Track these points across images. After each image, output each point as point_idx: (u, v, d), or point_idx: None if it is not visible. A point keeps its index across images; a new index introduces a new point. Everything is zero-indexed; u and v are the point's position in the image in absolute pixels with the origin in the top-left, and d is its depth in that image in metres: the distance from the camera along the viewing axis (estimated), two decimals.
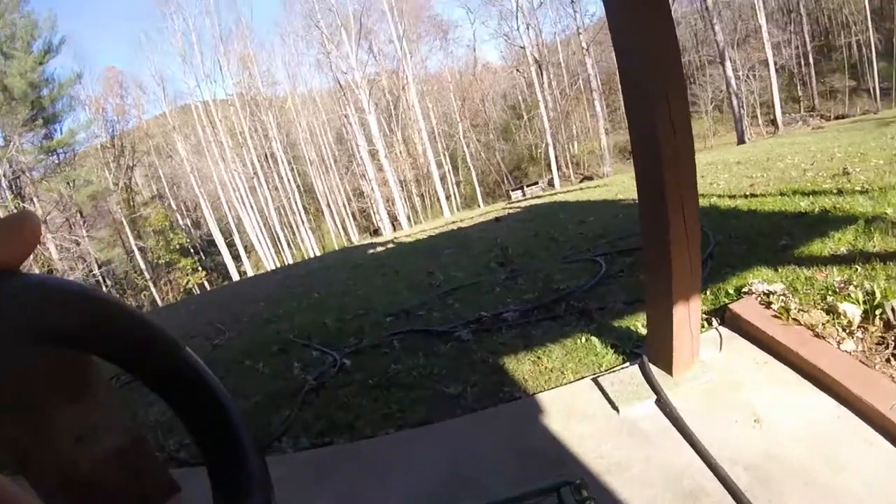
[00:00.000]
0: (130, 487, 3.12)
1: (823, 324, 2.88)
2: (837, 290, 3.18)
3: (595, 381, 3.23)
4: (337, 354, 4.86)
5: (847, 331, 2.80)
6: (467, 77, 41.47)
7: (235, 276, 32.96)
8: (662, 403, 2.87)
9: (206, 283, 35.34)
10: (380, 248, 12.86)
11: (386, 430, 3.46)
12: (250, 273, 32.46)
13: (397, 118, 38.79)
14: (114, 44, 72.06)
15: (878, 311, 2.79)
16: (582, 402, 3.12)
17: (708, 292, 3.86)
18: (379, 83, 36.85)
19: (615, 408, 2.96)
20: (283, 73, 40.83)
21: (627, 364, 3.33)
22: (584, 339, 3.87)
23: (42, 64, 29.86)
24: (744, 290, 3.54)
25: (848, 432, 2.34)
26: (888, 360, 2.55)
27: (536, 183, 34.13)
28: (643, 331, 3.66)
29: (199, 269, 36.68)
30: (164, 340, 0.36)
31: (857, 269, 3.41)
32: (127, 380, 5.91)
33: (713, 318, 3.47)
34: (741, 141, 26.12)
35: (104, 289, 31.35)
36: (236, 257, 36.41)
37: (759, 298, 3.32)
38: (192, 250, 38.20)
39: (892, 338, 2.65)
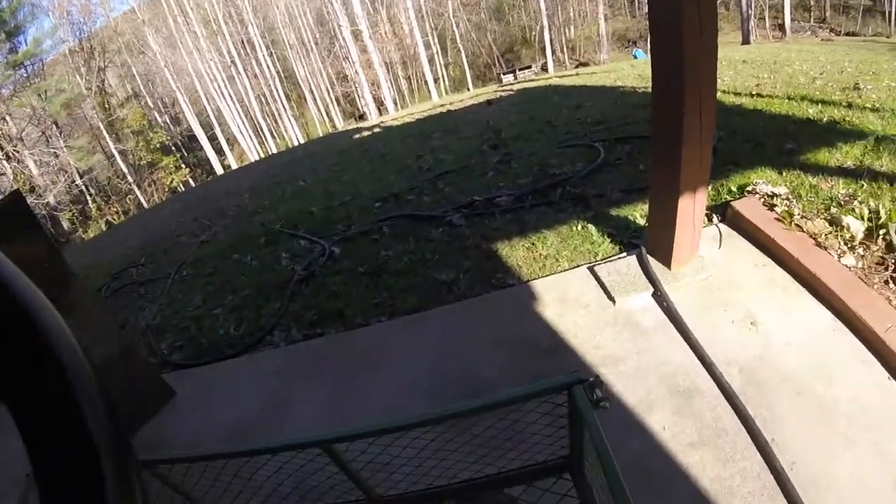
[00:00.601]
0: (125, 397, 3.07)
1: (826, 234, 2.80)
2: (842, 202, 3.07)
3: (591, 269, 3.15)
4: (325, 243, 4.73)
5: (849, 245, 2.72)
6: None
7: (220, 171, 32.25)
8: (659, 297, 2.81)
9: (190, 181, 34.63)
10: (366, 133, 12.40)
11: (378, 318, 3.40)
12: (234, 166, 31.75)
13: None
14: None
15: (881, 231, 2.70)
16: (577, 291, 3.04)
17: (710, 188, 3.68)
18: None
19: (611, 298, 2.90)
20: None
21: (625, 254, 3.23)
22: (580, 227, 3.73)
23: None
24: (747, 189, 3.41)
25: (843, 348, 2.31)
26: (886, 282, 2.50)
27: (529, 67, 32.66)
28: (641, 221, 3.52)
29: (183, 166, 35.80)
30: None
31: (863, 186, 3.26)
32: (117, 286, 5.81)
33: (714, 215, 3.34)
34: (745, 41, 24.83)
35: (89, 198, 30.83)
36: (219, 151, 35.42)
37: (762, 199, 3.21)
38: (173, 148, 37.04)
39: (893, 260, 2.58)
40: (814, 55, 9.27)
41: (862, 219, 2.80)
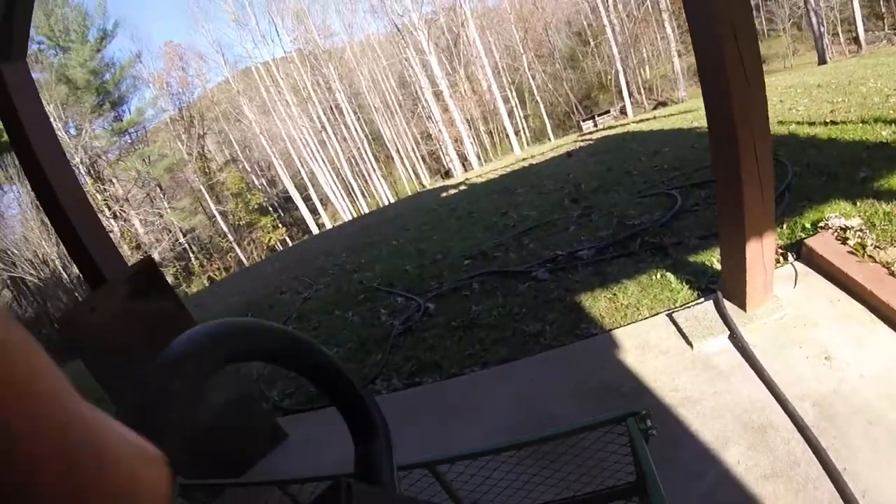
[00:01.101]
0: (242, 436, 3.52)
1: None
2: None
3: (670, 316, 3.30)
4: (420, 299, 5.14)
5: None
6: (528, 6, 39.69)
7: (314, 229, 34.19)
8: (735, 339, 2.91)
9: (287, 239, 36.91)
10: (452, 191, 13.01)
11: (471, 368, 3.71)
12: (328, 225, 33.61)
13: (458, 56, 37.95)
14: (168, 20, 73.46)
15: None
16: (657, 338, 3.21)
17: (784, 226, 3.78)
18: (437, 22, 36.01)
19: (689, 343, 3.03)
20: (339, 24, 40.86)
21: (702, 300, 3.37)
22: (658, 276, 3.91)
23: (100, 51, 30.97)
24: (820, 224, 3.43)
25: None
26: None
27: (608, 111, 32.80)
28: (718, 266, 3.65)
29: (280, 225, 38.25)
30: (305, 343, 0.53)
31: None
32: None
33: (789, 253, 3.40)
34: (822, 61, 24.06)
35: (192, 255, 33.54)
36: (313, 210, 37.64)
37: (835, 233, 3.22)
38: (270, 208, 39.76)
39: None
40: (889, 68, 8.89)
41: None
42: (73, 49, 28.93)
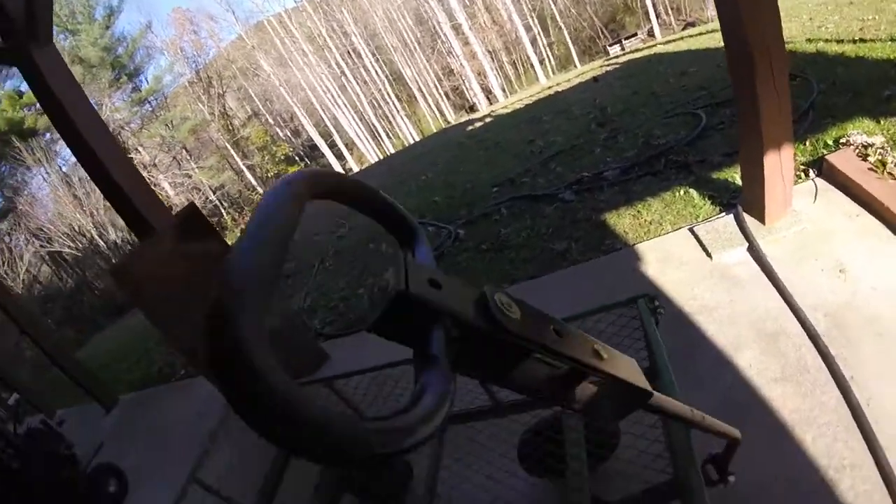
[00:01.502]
0: (289, 360, 3.79)
1: None
2: None
3: (691, 230, 3.41)
4: (451, 227, 5.33)
5: None
6: None
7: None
8: (753, 250, 3.01)
9: None
10: (478, 124, 12.97)
11: (501, 285, 3.91)
12: (355, 168, 33.71)
13: None
14: None
15: None
16: (678, 250, 3.34)
17: (807, 143, 3.78)
18: None
19: (708, 255, 3.15)
20: None
21: (723, 214, 3.45)
22: (682, 192, 3.99)
23: (109, 27, 30.73)
24: (842, 141, 3.44)
25: None
26: None
27: (635, 34, 31.42)
28: (741, 182, 3.72)
29: None
30: (370, 190, 0.72)
31: None
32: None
33: (811, 170, 3.43)
34: None
35: (223, 210, 34.17)
36: (339, 156, 37.72)
37: (857, 150, 3.23)
38: (296, 158, 39.83)
39: None
40: None
41: None
42: (81, 30, 28.94)
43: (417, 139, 30.71)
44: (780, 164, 2.91)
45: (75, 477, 3.41)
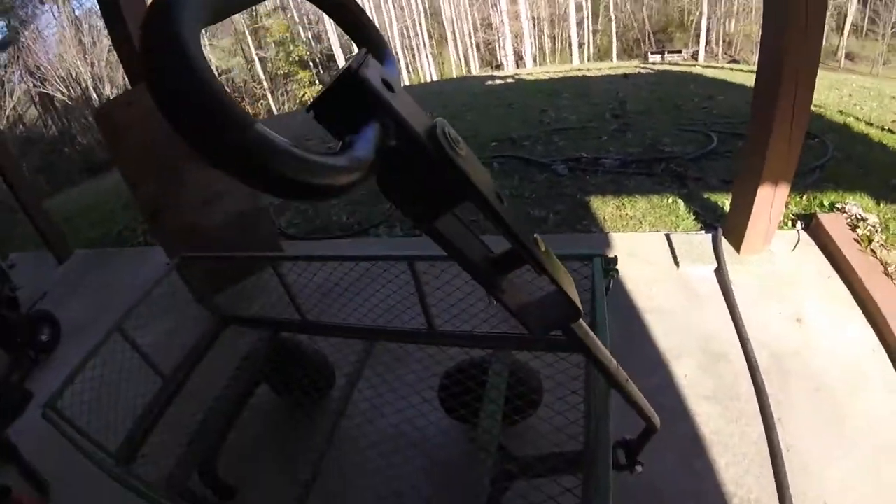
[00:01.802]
0: (250, 244, 3.75)
1: None
2: None
3: (667, 236, 3.45)
4: None
5: None
6: None
7: None
8: (720, 273, 3.05)
9: None
10: (499, 82, 12.72)
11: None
12: None
13: None
14: None
15: None
16: (648, 250, 3.36)
17: (804, 197, 3.80)
18: None
19: (676, 263, 3.19)
20: None
21: (703, 232, 3.50)
22: (670, 200, 4.01)
23: None
24: (838, 206, 3.48)
25: (876, 371, 2.39)
26: None
27: (680, 52, 31.11)
28: (729, 207, 3.72)
29: (317, 82, 37.41)
30: None
31: None
32: None
33: (799, 221, 3.45)
34: None
35: None
36: None
37: (848, 219, 3.26)
38: (311, 63, 38.62)
39: None
40: None
41: None
42: None
43: (436, 79, 30.11)
44: (772, 200, 2.92)
45: (14, 319, 3.41)
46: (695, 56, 30.48)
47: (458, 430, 2.24)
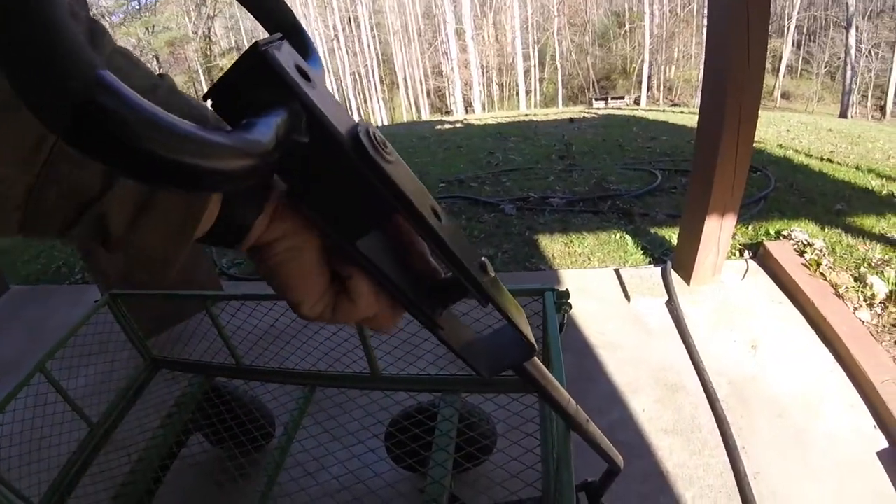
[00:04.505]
0: (184, 284, 3.53)
1: (848, 287, 2.93)
2: (873, 265, 3.18)
3: (616, 271, 3.43)
4: None
5: (868, 302, 2.84)
6: None
7: None
8: (672, 305, 3.03)
9: None
10: (447, 126, 12.88)
11: None
12: None
13: (491, 0, 36.90)
14: None
15: None
16: (598, 286, 3.32)
17: (750, 227, 3.89)
18: None
19: (627, 297, 3.16)
20: None
21: (651, 265, 3.50)
22: (618, 236, 4.01)
23: None
24: (784, 233, 3.58)
25: (835, 390, 2.41)
26: None
27: (622, 98, 32.59)
28: (677, 240, 3.77)
29: None
30: None
31: None
32: None
33: (747, 251, 3.52)
34: (843, 115, 24.16)
35: None
36: None
37: (795, 246, 3.35)
38: None
39: None
40: None
41: (887, 282, 2.91)
42: None
43: (387, 123, 30.41)
44: (719, 231, 2.94)
45: None
46: (637, 101, 31.94)
47: (409, 481, 2.09)
